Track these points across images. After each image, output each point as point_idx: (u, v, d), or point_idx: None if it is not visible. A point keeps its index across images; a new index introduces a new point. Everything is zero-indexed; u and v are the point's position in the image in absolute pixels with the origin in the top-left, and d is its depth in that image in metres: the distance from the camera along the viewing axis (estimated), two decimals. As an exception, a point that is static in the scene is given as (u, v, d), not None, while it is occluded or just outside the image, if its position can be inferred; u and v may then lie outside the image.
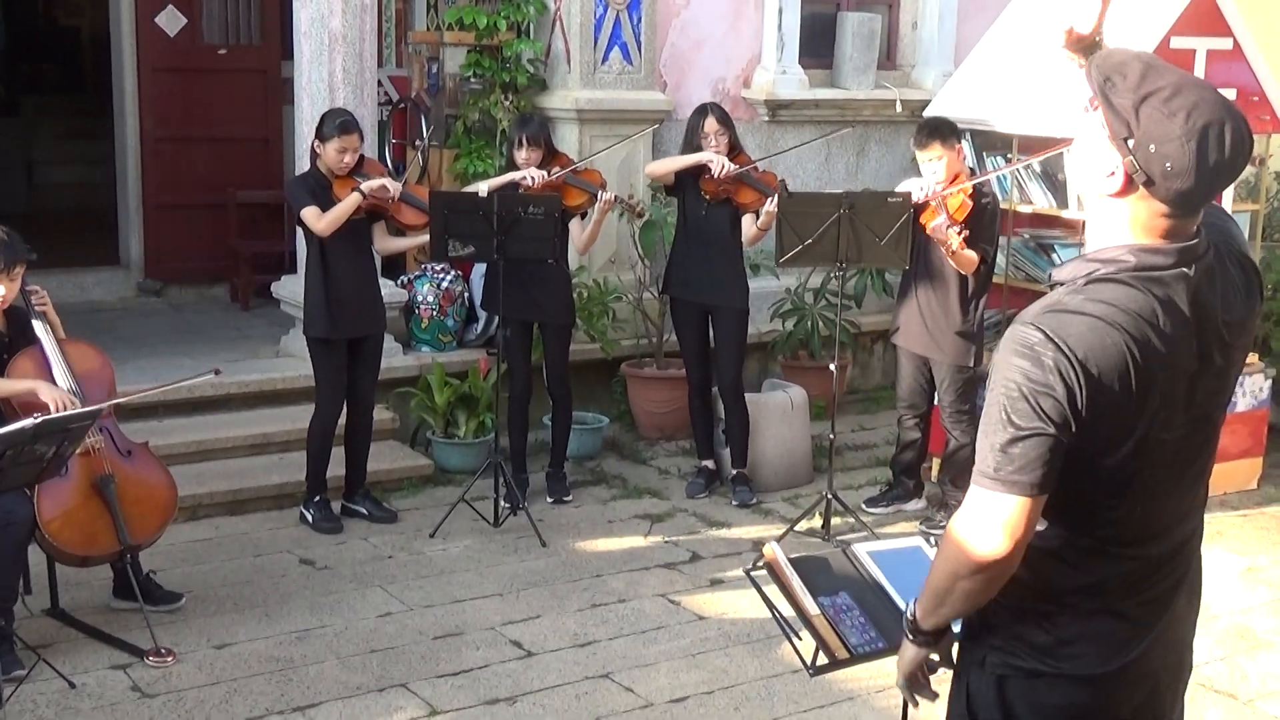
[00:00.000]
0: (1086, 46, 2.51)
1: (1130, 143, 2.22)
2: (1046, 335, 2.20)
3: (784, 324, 8.25)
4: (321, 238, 6.14)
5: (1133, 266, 2.26)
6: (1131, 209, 2.27)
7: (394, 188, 6.22)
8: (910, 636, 2.50)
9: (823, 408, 8.01)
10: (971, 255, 6.15)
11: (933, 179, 6.28)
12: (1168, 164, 2.20)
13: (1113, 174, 2.26)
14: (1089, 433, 2.21)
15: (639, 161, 8.05)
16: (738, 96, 8.62)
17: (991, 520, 2.25)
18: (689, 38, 8.48)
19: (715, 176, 6.63)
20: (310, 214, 6.12)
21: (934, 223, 6.04)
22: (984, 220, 6.21)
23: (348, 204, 6.12)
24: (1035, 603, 2.36)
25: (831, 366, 6.60)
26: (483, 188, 6.47)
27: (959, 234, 6.00)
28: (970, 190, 6.18)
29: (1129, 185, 2.25)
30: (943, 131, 6.27)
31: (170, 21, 9.30)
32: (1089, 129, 2.30)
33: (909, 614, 2.50)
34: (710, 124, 6.73)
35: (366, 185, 6.15)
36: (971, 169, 7.01)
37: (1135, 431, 2.24)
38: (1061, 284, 2.31)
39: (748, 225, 6.78)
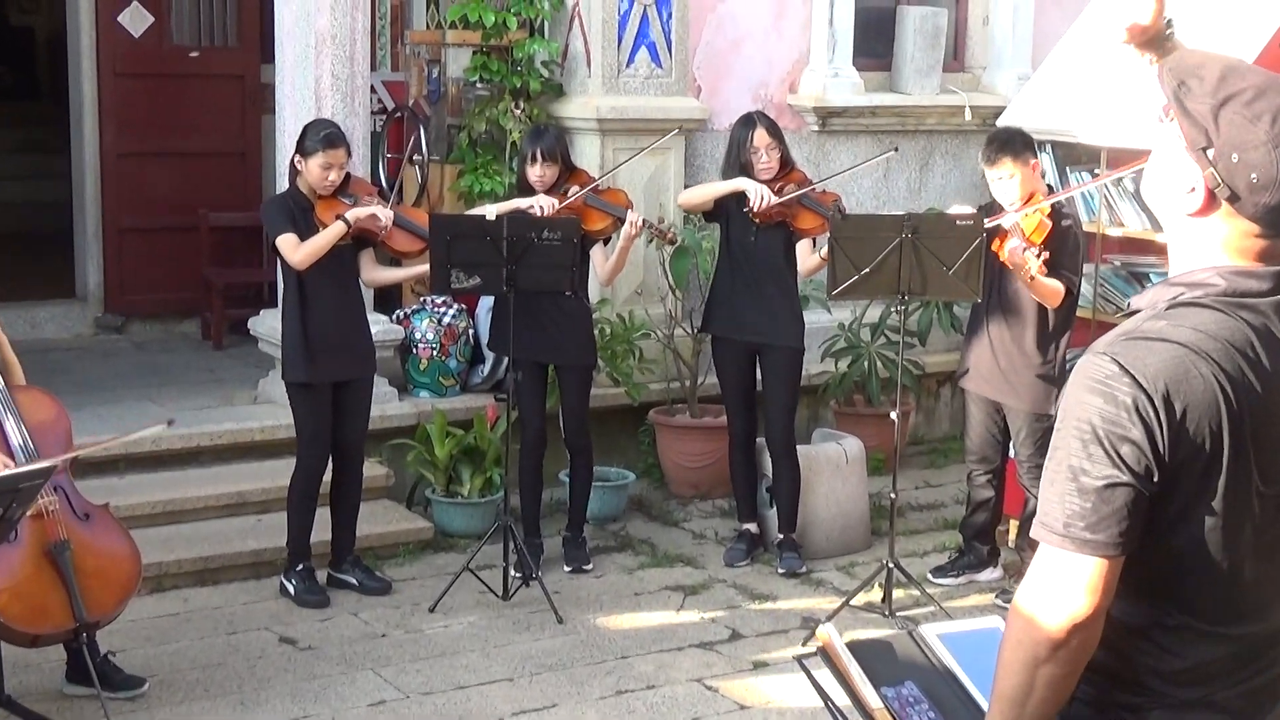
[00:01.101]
0: (1154, 40, 2.52)
1: (1210, 153, 2.23)
2: (1122, 367, 2.19)
3: (837, 364, 8.24)
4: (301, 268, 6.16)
5: (1222, 290, 2.25)
6: (1216, 229, 2.27)
7: (385, 216, 6.24)
8: None
9: (882, 461, 7.97)
10: (1054, 285, 6.13)
11: (1005, 200, 6.27)
12: (1253, 175, 2.21)
13: (1193, 190, 2.27)
14: (1174, 481, 2.19)
15: (669, 178, 8.07)
16: (782, 103, 8.64)
17: (1065, 584, 2.22)
18: (726, 36, 8.52)
19: (754, 210, 6.63)
20: (286, 242, 6.14)
21: (1009, 245, 6.02)
22: (1066, 245, 6.19)
23: (329, 235, 6.13)
24: (1121, 694, 2.32)
25: (892, 414, 6.58)
26: (490, 210, 6.49)
27: (1038, 257, 5.98)
28: (1048, 210, 6.16)
29: (1211, 202, 2.26)
30: (1014, 144, 6.27)
31: (135, 20, 9.39)
32: (1164, 142, 2.31)
33: None
34: (760, 137, 6.74)
35: (352, 214, 6.16)
36: (1050, 187, 7.00)
37: (1229, 482, 2.22)
38: (1140, 311, 2.30)
39: (806, 253, 6.78)
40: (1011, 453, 6.65)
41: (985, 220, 6.16)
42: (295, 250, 6.13)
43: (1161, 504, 2.21)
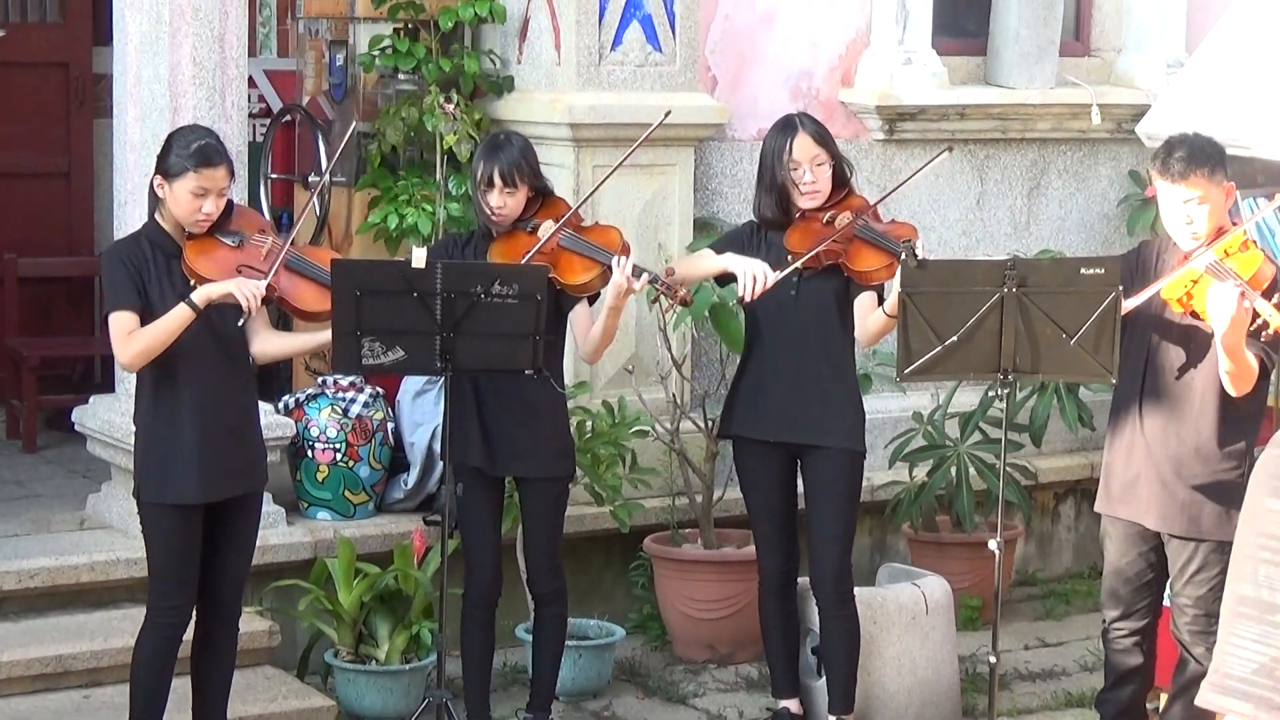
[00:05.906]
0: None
1: None
2: None
3: (912, 472, 8.25)
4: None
5: None
6: None
7: (247, 294, 5.93)
8: None
9: (977, 610, 7.95)
10: (1251, 363, 6.08)
11: (1183, 234, 6.21)
12: None
13: None
14: None
15: (670, 206, 8.09)
16: (833, 100, 8.68)
17: None
18: (753, 8, 8.56)
19: (743, 299, 6.57)
20: (118, 326, 5.96)
21: (1218, 295, 5.88)
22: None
23: (168, 325, 5.92)
24: None
25: (991, 543, 6.56)
26: (419, 255, 6.45)
27: (1272, 300, 5.88)
28: (1255, 243, 6.14)
29: None
30: (1210, 157, 6.21)
31: (-84, -12, 9.45)
32: None
33: None
34: (802, 146, 6.71)
35: (203, 294, 5.94)
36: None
37: None
38: None
39: (866, 310, 6.74)
40: (1168, 598, 6.58)
41: (1186, 256, 6.11)
42: (126, 342, 5.94)
43: None
